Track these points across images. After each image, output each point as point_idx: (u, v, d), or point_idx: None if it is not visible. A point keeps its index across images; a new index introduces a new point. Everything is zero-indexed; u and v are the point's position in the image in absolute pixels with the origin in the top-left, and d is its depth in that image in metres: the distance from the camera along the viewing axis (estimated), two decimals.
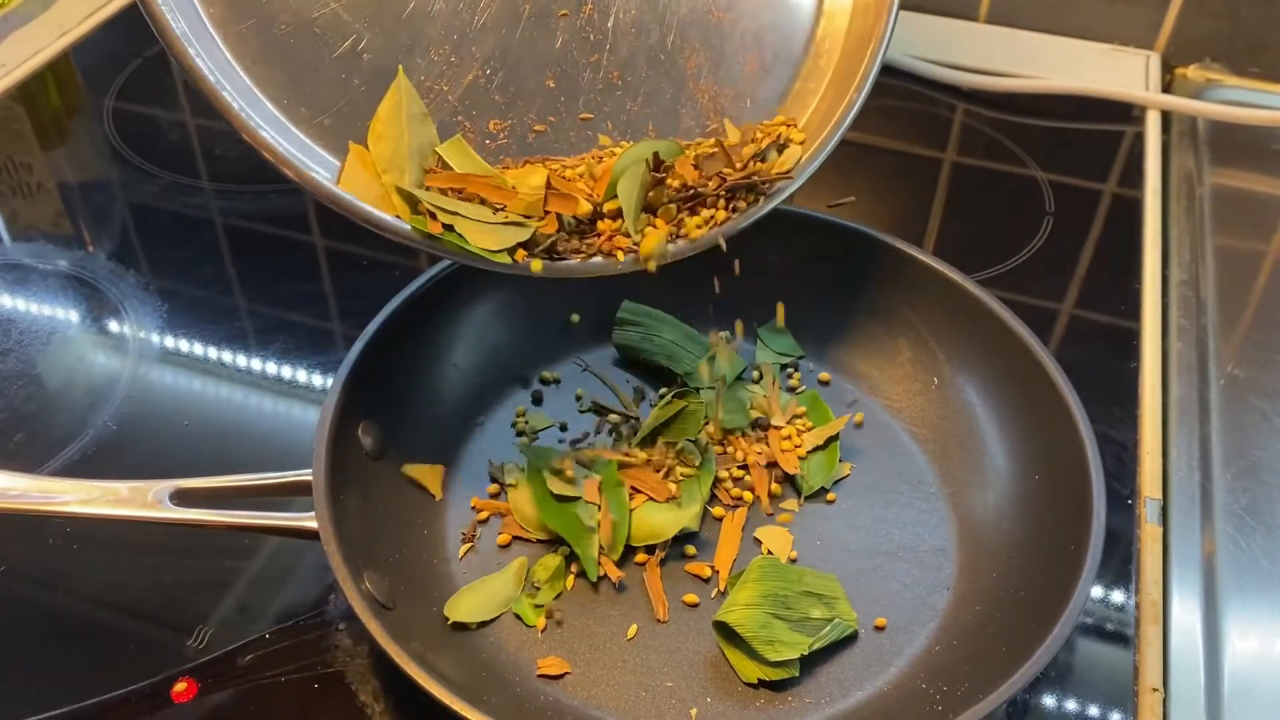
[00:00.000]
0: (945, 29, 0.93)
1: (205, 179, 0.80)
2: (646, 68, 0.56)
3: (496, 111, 0.53)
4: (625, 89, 0.55)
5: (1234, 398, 0.65)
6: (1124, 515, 0.58)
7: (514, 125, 0.53)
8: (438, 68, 0.52)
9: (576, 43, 0.55)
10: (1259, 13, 0.86)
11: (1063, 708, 0.51)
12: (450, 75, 0.52)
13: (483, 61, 0.53)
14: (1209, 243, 0.75)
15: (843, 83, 0.58)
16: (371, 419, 0.56)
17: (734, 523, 0.56)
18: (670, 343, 0.63)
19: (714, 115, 0.57)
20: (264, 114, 0.49)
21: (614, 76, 0.55)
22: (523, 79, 0.53)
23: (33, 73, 0.89)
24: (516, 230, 0.49)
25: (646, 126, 0.56)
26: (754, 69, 0.58)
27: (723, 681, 0.51)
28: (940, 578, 0.55)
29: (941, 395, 0.61)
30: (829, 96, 0.58)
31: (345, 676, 0.51)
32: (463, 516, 0.57)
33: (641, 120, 0.56)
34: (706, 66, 0.57)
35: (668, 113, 0.56)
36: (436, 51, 0.52)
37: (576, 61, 0.55)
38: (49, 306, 0.70)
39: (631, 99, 0.56)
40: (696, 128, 0.57)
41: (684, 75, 0.57)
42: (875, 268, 0.63)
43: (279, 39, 0.49)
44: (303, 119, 0.50)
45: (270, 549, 0.57)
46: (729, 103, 0.57)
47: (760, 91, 0.58)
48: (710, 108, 0.57)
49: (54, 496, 0.49)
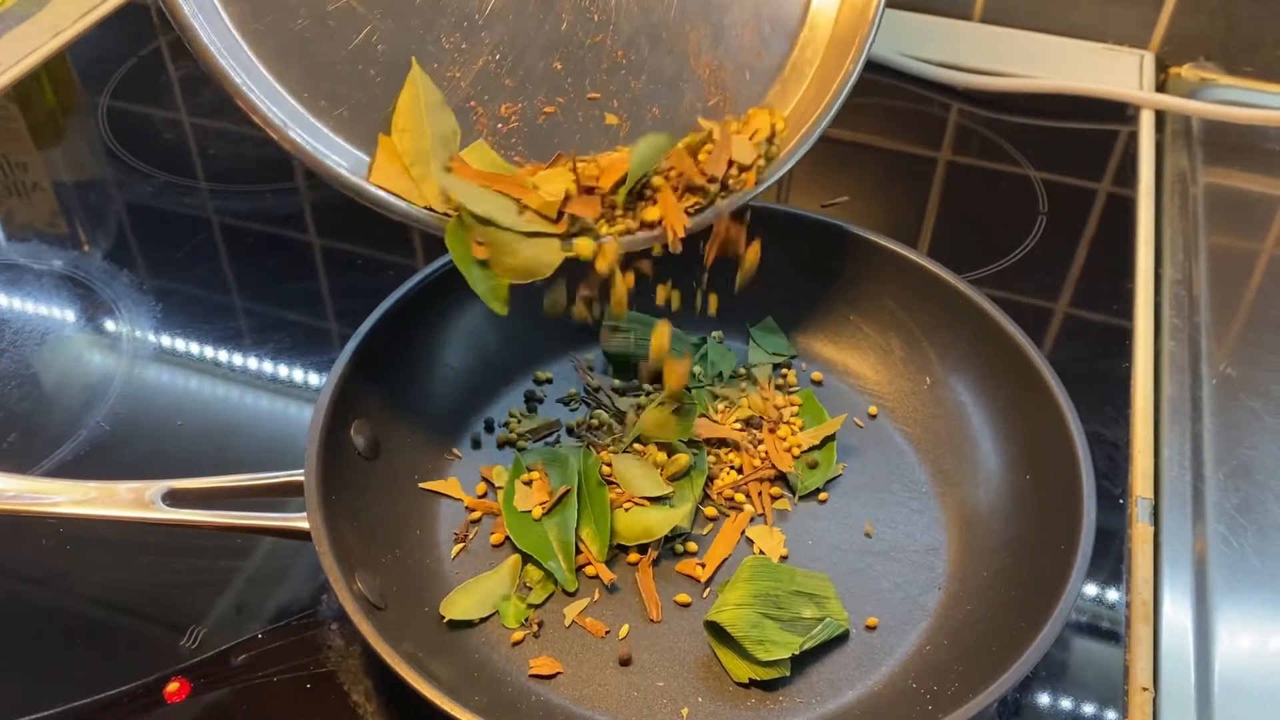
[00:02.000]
0: (940, 28, 0.94)
1: (200, 178, 0.80)
2: (649, 45, 0.57)
3: (507, 95, 0.54)
4: (629, 67, 0.56)
5: (1226, 397, 0.65)
6: (1116, 514, 0.58)
7: (524, 108, 0.54)
8: (449, 55, 0.53)
9: (581, 23, 0.56)
10: (1253, 12, 0.86)
11: (1053, 707, 0.51)
12: (462, 62, 0.53)
13: (492, 47, 0.54)
14: (1202, 242, 0.75)
15: (836, 58, 0.59)
16: (364, 419, 0.56)
17: (735, 525, 0.56)
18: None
19: (715, 90, 0.58)
20: (286, 109, 0.50)
21: (618, 55, 0.56)
22: (531, 62, 0.55)
23: (28, 72, 0.89)
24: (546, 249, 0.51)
25: (650, 104, 0.57)
26: (752, 41, 0.59)
27: (714, 681, 0.51)
28: (932, 577, 0.55)
29: (934, 395, 0.61)
30: (818, 78, 0.58)
31: (338, 676, 0.51)
32: (455, 516, 0.57)
33: (646, 97, 0.57)
34: (707, 41, 0.58)
35: (670, 88, 0.57)
36: (448, 39, 0.53)
37: (582, 42, 0.56)
38: (43, 306, 0.71)
39: (635, 77, 0.56)
40: (699, 102, 0.58)
41: (685, 51, 0.57)
42: (868, 268, 0.63)
43: (297, 34, 0.51)
44: (322, 111, 0.51)
45: (265, 549, 0.57)
46: (729, 76, 0.58)
47: (759, 63, 0.59)
48: (712, 81, 0.58)
49: (46, 497, 0.49)
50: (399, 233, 0.75)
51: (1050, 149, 0.83)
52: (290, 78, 0.50)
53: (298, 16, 0.51)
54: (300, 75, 0.51)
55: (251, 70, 0.49)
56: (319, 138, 0.51)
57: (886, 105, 0.87)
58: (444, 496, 0.58)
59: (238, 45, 0.49)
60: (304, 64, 0.51)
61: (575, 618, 0.53)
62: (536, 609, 0.53)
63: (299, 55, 0.51)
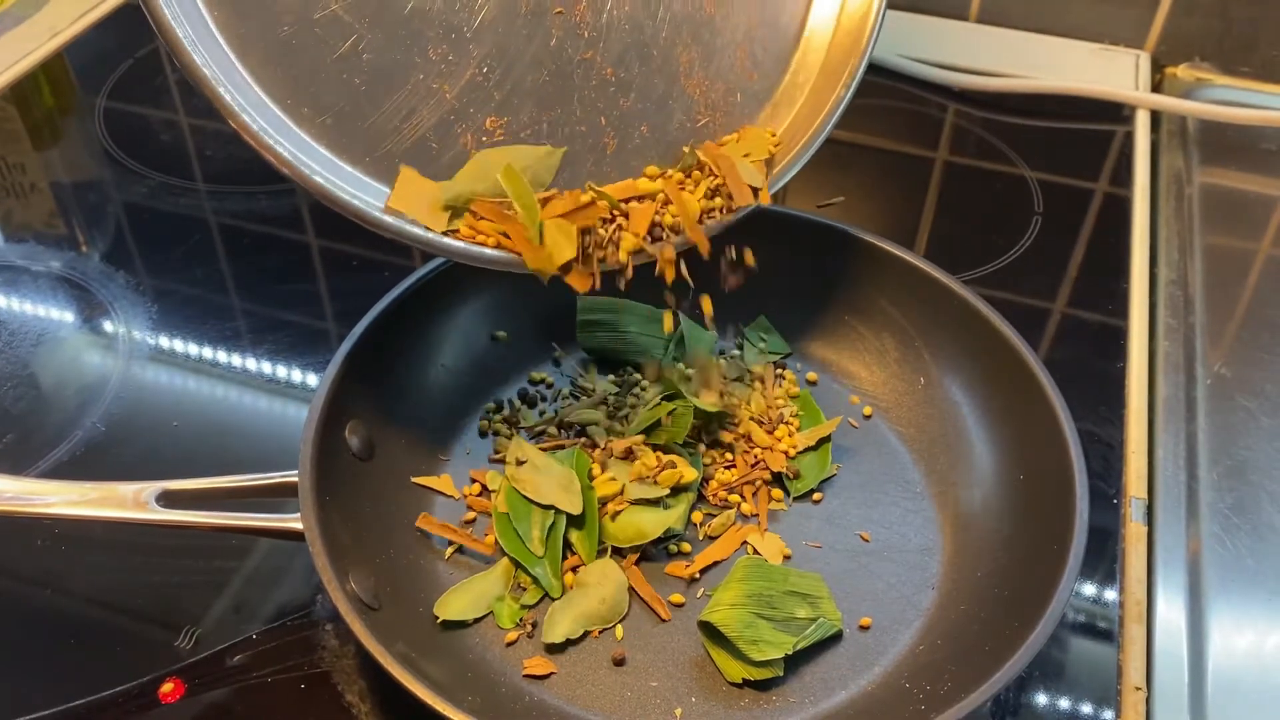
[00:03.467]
0: (936, 28, 0.94)
1: (197, 179, 0.81)
2: (639, 64, 0.56)
3: (493, 109, 0.54)
4: (618, 85, 0.56)
5: (1221, 397, 0.65)
6: (1110, 514, 0.59)
7: (509, 123, 0.54)
8: (436, 66, 0.53)
9: (570, 39, 0.55)
10: (1248, 12, 0.86)
11: (1046, 706, 0.51)
12: (449, 74, 0.53)
13: (480, 60, 0.54)
14: (1197, 242, 0.75)
15: (829, 81, 0.59)
16: (359, 420, 0.56)
17: (737, 534, 0.56)
18: (639, 335, 0.64)
19: (704, 110, 0.58)
20: (270, 118, 0.50)
21: (607, 72, 0.56)
22: (519, 76, 0.54)
23: (25, 73, 0.90)
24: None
25: (639, 123, 0.57)
26: (744, 63, 0.58)
27: (708, 681, 0.51)
28: (925, 577, 0.55)
29: (928, 395, 0.61)
30: (811, 100, 0.58)
31: (332, 677, 0.51)
32: (450, 517, 0.57)
33: (634, 115, 0.57)
34: (698, 62, 0.57)
35: (659, 107, 0.57)
36: (435, 50, 0.53)
37: (570, 59, 0.55)
38: (40, 307, 0.71)
39: (624, 95, 0.56)
40: (688, 122, 0.58)
41: (676, 71, 0.57)
42: (862, 268, 0.63)
43: (281, 41, 0.50)
44: (305, 119, 0.51)
45: (261, 550, 0.57)
46: (719, 97, 0.58)
47: (749, 85, 0.59)
48: (701, 102, 0.58)
49: (41, 498, 0.50)
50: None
51: (1046, 149, 0.83)
52: (273, 84, 0.50)
53: (283, 23, 0.50)
54: (285, 82, 0.50)
55: (232, 73, 0.49)
56: (300, 146, 0.50)
57: (882, 106, 0.87)
58: (439, 497, 0.58)
59: (220, 49, 0.49)
60: (289, 71, 0.50)
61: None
62: (530, 609, 0.53)
63: (284, 62, 0.50)
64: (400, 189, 0.52)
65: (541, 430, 0.61)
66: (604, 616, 0.52)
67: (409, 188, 0.52)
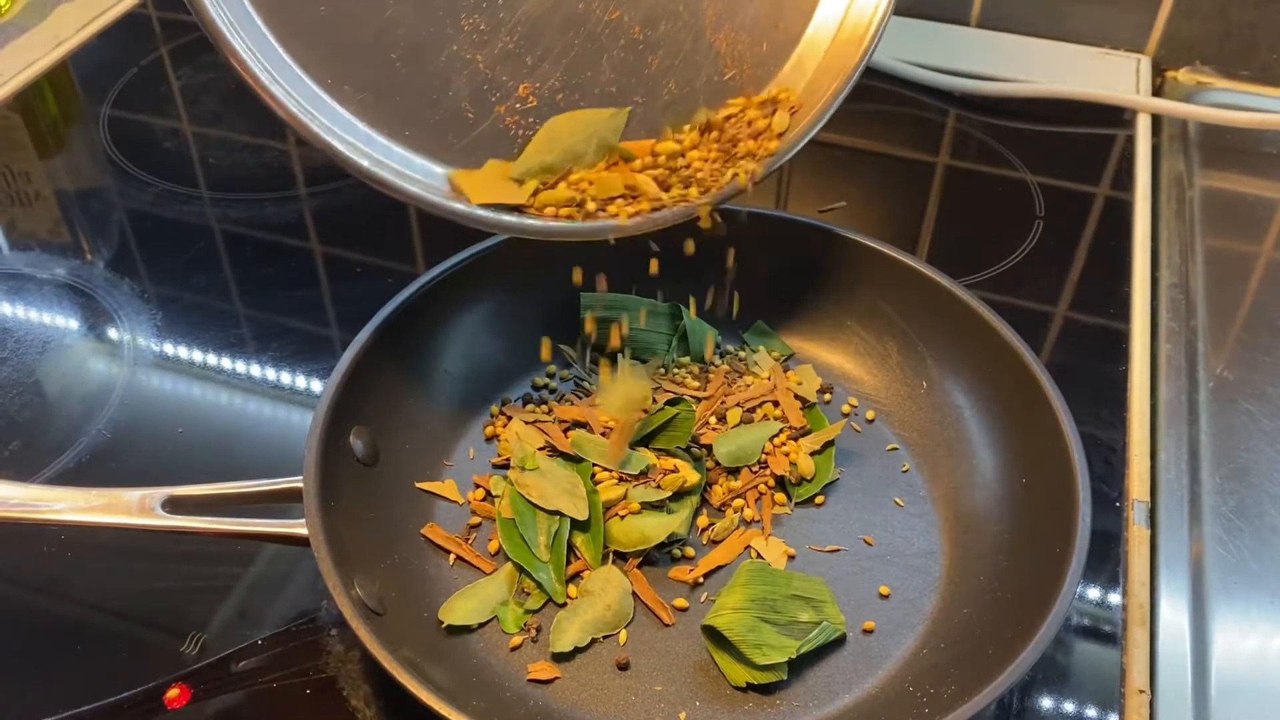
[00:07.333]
0: (937, 33, 0.94)
1: (201, 186, 0.81)
2: (666, 21, 0.57)
3: (525, 75, 0.55)
4: (647, 44, 0.57)
5: (1223, 400, 0.65)
6: (1112, 517, 0.59)
7: (540, 88, 0.55)
8: (469, 36, 0.54)
9: (599, 1, 0.56)
10: (1249, 15, 0.86)
11: (1050, 709, 0.51)
12: (481, 43, 0.54)
13: (511, 27, 0.54)
14: (1199, 245, 0.75)
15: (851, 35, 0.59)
16: (363, 425, 0.56)
17: (740, 538, 0.56)
18: (643, 330, 0.64)
19: (731, 63, 0.58)
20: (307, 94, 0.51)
21: (635, 31, 0.56)
22: (550, 41, 0.55)
23: (30, 82, 0.90)
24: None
25: (667, 81, 0.57)
26: (770, 13, 0.59)
27: (711, 685, 0.51)
28: (928, 580, 0.55)
29: (930, 399, 0.62)
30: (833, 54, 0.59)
31: (337, 682, 0.51)
32: (455, 522, 0.57)
33: (662, 74, 0.57)
34: (725, 14, 0.58)
35: (687, 63, 0.57)
36: (467, 20, 0.54)
37: (599, 20, 0.56)
38: (45, 315, 0.71)
39: (653, 53, 0.57)
40: (715, 76, 0.58)
41: (702, 25, 0.58)
42: (865, 273, 0.63)
43: (319, 19, 0.51)
44: (347, 97, 0.52)
45: (267, 555, 0.57)
46: (745, 48, 0.59)
47: (775, 36, 0.59)
48: (729, 55, 0.58)
49: (47, 504, 0.50)
50: (399, 240, 0.76)
51: (1047, 153, 0.83)
52: (314, 63, 0.51)
53: (320, 2, 0.51)
54: (324, 60, 0.51)
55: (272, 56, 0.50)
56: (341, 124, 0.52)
57: (884, 110, 0.87)
58: (442, 502, 0.58)
59: (260, 32, 0.50)
60: (327, 49, 0.51)
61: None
62: (534, 614, 0.54)
63: (322, 40, 0.51)
64: (469, 180, 0.53)
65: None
66: (610, 623, 0.53)
67: (476, 178, 0.54)
